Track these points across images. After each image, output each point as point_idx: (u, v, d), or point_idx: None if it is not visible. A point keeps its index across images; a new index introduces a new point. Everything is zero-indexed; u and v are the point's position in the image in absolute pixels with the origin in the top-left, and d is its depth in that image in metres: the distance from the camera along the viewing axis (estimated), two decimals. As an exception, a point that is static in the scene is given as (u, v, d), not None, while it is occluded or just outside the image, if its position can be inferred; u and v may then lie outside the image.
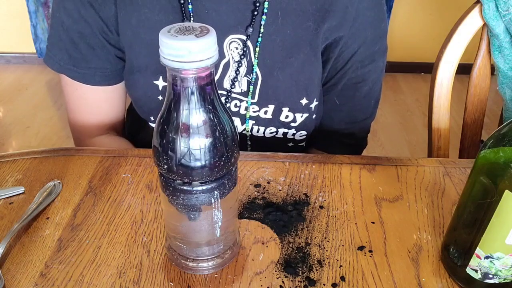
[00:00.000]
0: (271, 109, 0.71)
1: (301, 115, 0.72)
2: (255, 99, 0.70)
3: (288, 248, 0.50)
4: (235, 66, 0.68)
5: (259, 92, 0.70)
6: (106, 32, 0.66)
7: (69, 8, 0.65)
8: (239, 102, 0.71)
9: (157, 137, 0.39)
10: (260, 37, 0.66)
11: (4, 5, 2.60)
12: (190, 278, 0.46)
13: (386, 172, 0.62)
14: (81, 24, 0.65)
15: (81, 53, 0.68)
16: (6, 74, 2.67)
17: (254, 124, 0.73)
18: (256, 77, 0.69)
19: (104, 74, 0.70)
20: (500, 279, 0.43)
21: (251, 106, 0.71)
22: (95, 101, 0.73)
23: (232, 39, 0.66)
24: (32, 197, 0.55)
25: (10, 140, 2.10)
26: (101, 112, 0.75)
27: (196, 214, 0.42)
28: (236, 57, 0.67)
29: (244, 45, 0.66)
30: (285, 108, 0.71)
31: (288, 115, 0.72)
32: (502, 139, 0.40)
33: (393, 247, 0.51)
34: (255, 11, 0.64)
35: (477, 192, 0.42)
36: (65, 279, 0.46)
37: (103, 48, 0.68)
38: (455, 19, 0.84)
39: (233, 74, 0.68)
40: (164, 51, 0.35)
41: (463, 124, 0.91)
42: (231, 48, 0.67)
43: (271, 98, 0.70)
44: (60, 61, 0.69)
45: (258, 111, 0.71)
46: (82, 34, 0.66)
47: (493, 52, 0.83)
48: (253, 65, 0.68)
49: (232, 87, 0.69)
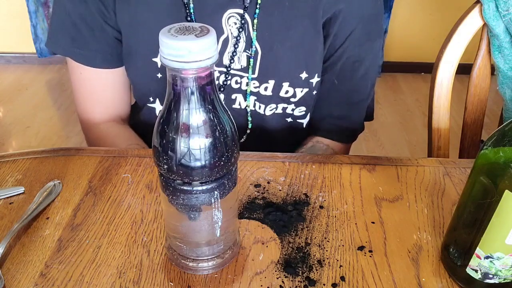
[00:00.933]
0: (271, 85, 0.72)
1: (301, 89, 0.73)
2: (255, 74, 0.71)
3: (288, 248, 0.50)
4: (234, 41, 0.68)
5: (259, 66, 0.70)
6: (103, 13, 0.67)
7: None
8: (240, 79, 0.71)
9: (157, 137, 0.39)
10: (257, 8, 0.66)
11: (4, 5, 2.60)
12: (190, 278, 0.46)
13: (386, 172, 0.62)
14: (81, 5, 0.67)
15: (82, 35, 0.69)
16: (6, 74, 2.67)
17: (256, 101, 0.74)
18: (256, 51, 0.69)
19: (104, 56, 0.71)
20: (500, 279, 0.43)
21: (251, 81, 0.71)
22: (100, 85, 0.74)
23: (231, 14, 0.66)
24: (32, 197, 0.55)
25: (10, 140, 2.10)
26: (105, 97, 0.76)
27: (196, 214, 0.42)
28: (234, 32, 0.68)
29: (242, 19, 0.66)
30: (285, 83, 0.71)
31: (288, 90, 0.72)
32: (502, 139, 0.40)
33: (393, 247, 0.51)
34: None
35: (477, 192, 0.42)
36: (65, 279, 0.46)
37: (102, 29, 0.68)
38: (455, 19, 0.84)
39: (232, 49, 0.69)
40: (164, 51, 0.35)
41: (463, 124, 0.91)
42: (230, 23, 0.67)
43: (271, 72, 0.71)
44: (64, 45, 0.71)
45: (259, 87, 0.72)
46: (82, 16, 0.67)
47: (493, 52, 0.83)
48: (252, 39, 0.68)
49: (231, 63, 0.70)
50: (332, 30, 0.70)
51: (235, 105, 0.74)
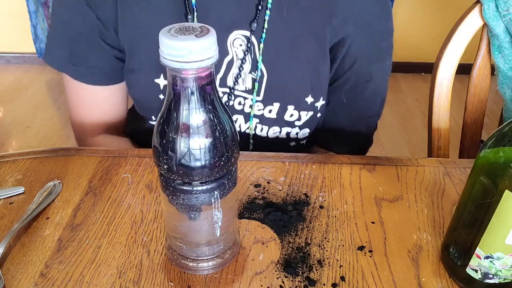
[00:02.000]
0: (276, 108, 0.71)
1: (306, 113, 0.72)
2: (260, 96, 0.70)
3: (288, 248, 0.50)
4: (239, 63, 0.67)
5: (264, 89, 0.69)
6: (103, 32, 0.66)
7: (68, 5, 0.66)
8: (243, 100, 0.70)
9: (157, 137, 0.39)
10: (264, 32, 0.65)
11: (4, 5, 2.60)
12: (190, 278, 0.46)
13: (386, 172, 0.62)
14: (79, 22, 0.66)
15: (80, 52, 0.68)
16: (6, 74, 2.67)
17: (258, 123, 0.73)
18: (261, 74, 0.68)
19: (102, 73, 0.70)
20: (500, 279, 0.43)
21: (256, 103, 0.70)
22: (95, 100, 0.73)
23: (236, 36, 0.66)
24: (32, 197, 0.55)
25: (10, 140, 2.10)
26: (101, 111, 0.75)
27: (196, 214, 0.42)
28: (240, 54, 0.67)
29: (248, 41, 0.66)
30: (290, 106, 0.71)
31: (293, 113, 0.71)
32: (502, 139, 0.40)
33: (393, 247, 0.51)
34: (260, 5, 0.63)
35: (477, 192, 0.42)
36: (65, 279, 0.46)
37: (100, 47, 0.68)
38: (455, 19, 0.84)
39: (237, 71, 0.68)
40: (164, 51, 0.35)
41: (463, 124, 0.91)
42: (235, 45, 0.66)
43: (276, 95, 0.70)
44: (61, 59, 0.69)
45: (263, 110, 0.71)
46: (80, 33, 0.66)
47: (493, 52, 0.83)
48: (258, 62, 0.67)
49: (235, 85, 0.69)
50: (340, 54, 0.69)
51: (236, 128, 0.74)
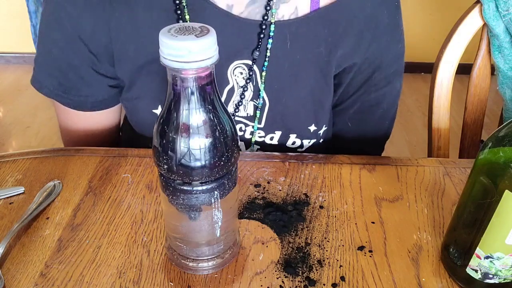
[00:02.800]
0: (277, 135, 0.69)
1: (309, 141, 0.70)
2: (262, 124, 0.68)
3: (288, 248, 0.50)
4: (240, 91, 0.65)
5: (266, 117, 0.67)
6: (96, 64, 0.63)
7: (56, 39, 0.62)
8: (244, 127, 0.68)
9: (157, 137, 0.39)
10: (266, 61, 0.62)
11: (4, 5, 2.60)
12: (190, 278, 0.46)
13: (386, 172, 0.62)
14: (69, 55, 0.62)
15: (70, 82, 0.65)
16: (6, 74, 2.67)
17: (259, 150, 0.71)
18: (263, 103, 0.66)
19: (96, 100, 0.67)
20: (500, 279, 0.43)
21: (257, 131, 0.68)
22: (88, 124, 0.71)
23: (237, 65, 0.63)
24: (32, 197, 0.55)
25: (10, 140, 2.10)
26: (93, 131, 0.72)
27: (196, 214, 0.42)
28: (241, 82, 0.64)
29: (250, 70, 0.63)
30: (292, 135, 0.69)
31: (295, 141, 0.69)
32: (502, 139, 0.40)
33: (393, 247, 0.51)
34: (261, 34, 0.61)
35: (477, 192, 0.42)
36: (65, 279, 0.46)
37: (93, 78, 0.65)
38: (455, 19, 0.84)
39: (238, 99, 0.66)
40: (164, 51, 0.35)
41: (463, 124, 0.91)
42: (235, 73, 0.64)
43: (279, 124, 0.68)
44: (50, 86, 0.65)
45: (264, 137, 0.69)
46: (71, 65, 0.63)
47: (493, 52, 0.83)
48: (260, 90, 0.65)
49: (236, 111, 0.67)
50: (345, 80, 0.67)
51: None
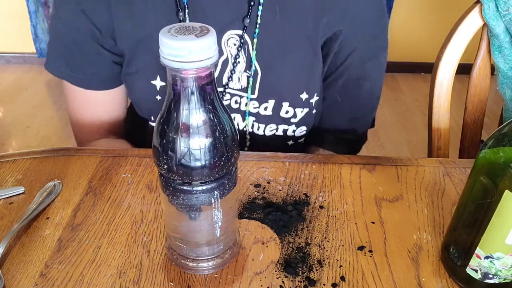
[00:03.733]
0: (271, 105, 0.71)
1: (301, 110, 0.72)
2: (255, 94, 0.70)
3: (288, 248, 0.50)
4: (233, 62, 0.68)
5: (259, 86, 0.70)
6: (100, 39, 0.67)
7: (63, 16, 0.66)
8: (239, 98, 0.71)
9: (157, 137, 0.39)
10: (257, 28, 0.65)
11: (4, 5, 2.60)
12: (190, 278, 0.46)
13: (386, 172, 0.62)
14: (74, 31, 0.66)
15: (76, 60, 0.69)
16: (6, 74, 2.67)
17: (255, 121, 0.73)
18: (256, 72, 0.68)
19: (100, 79, 0.71)
20: (500, 279, 0.43)
21: (251, 101, 0.71)
22: (95, 104, 0.74)
23: (230, 35, 0.66)
24: (32, 197, 0.55)
25: (10, 140, 2.10)
26: (101, 116, 0.75)
27: (196, 214, 0.42)
28: (234, 52, 0.67)
29: (241, 39, 0.66)
30: (285, 103, 0.71)
31: (288, 110, 0.72)
32: (502, 139, 0.40)
33: (393, 247, 0.51)
34: (252, 1, 0.64)
35: (477, 192, 0.42)
36: (65, 279, 0.46)
37: (98, 54, 0.68)
38: (455, 19, 0.83)
39: (232, 70, 0.68)
40: (164, 51, 0.35)
41: (463, 124, 0.91)
42: (229, 44, 0.67)
43: (271, 92, 0.70)
44: (60, 67, 0.70)
45: (258, 107, 0.71)
46: (76, 42, 0.67)
47: (493, 52, 0.83)
48: (252, 59, 0.67)
49: (230, 82, 0.69)
50: (333, 49, 0.69)
51: None
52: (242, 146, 0.76)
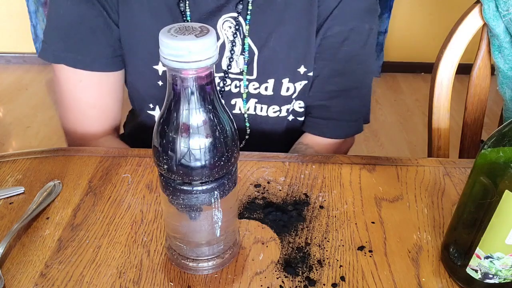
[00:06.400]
0: (271, 84, 0.71)
1: (300, 83, 0.72)
2: (254, 75, 0.70)
3: (288, 248, 0.50)
4: (230, 46, 0.68)
5: (257, 66, 0.70)
6: (108, 12, 0.66)
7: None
8: (239, 82, 0.71)
9: (157, 137, 0.39)
10: (250, 4, 0.66)
11: (4, 5, 2.60)
12: (190, 278, 0.46)
13: (386, 172, 0.62)
14: (82, 6, 0.65)
15: (80, 38, 0.66)
16: (6, 74, 2.67)
17: (257, 103, 0.73)
18: (252, 52, 0.69)
19: (105, 59, 0.68)
20: (500, 279, 0.43)
21: (251, 83, 0.71)
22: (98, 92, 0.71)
23: (225, 19, 0.67)
24: (32, 197, 0.55)
25: (10, 140, 2.10)
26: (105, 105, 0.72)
27: (196, 214, 0.42)
28: (230, 36, 0.68)
29: (236, 21, 0.67)
30: (285, 80, 0.71)
31: (288, 86, 0.72)
32: (502, 139, 0.40)
33: (393, 247, 0.51)
34: None
35: (477, 192, 0.42)
36: (65, 279, 0.46)
37: (106, 28, 0.66)
38: (455, 19, 0.84)
39: (229, 54, 0.69)
40: (164, 51, 0.35)
41: (463, 124, 0.91)
42: (225, 27, 0.67)
43: (270, 70, 0.70)
44: (56, 51, 0.67)
45: (259, 88, 0.72)
46: (84, 16, 0.65)
47: (493, 52, 0.83)
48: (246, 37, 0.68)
49: (229, 68, 0.70)
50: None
51: (235, 110, 0.74)
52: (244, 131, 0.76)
